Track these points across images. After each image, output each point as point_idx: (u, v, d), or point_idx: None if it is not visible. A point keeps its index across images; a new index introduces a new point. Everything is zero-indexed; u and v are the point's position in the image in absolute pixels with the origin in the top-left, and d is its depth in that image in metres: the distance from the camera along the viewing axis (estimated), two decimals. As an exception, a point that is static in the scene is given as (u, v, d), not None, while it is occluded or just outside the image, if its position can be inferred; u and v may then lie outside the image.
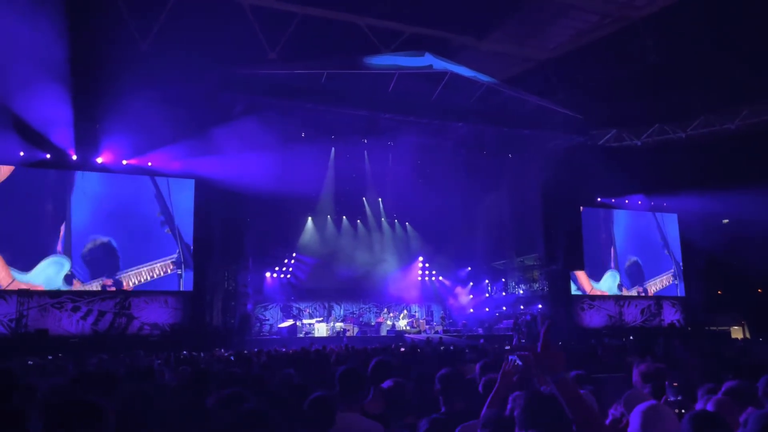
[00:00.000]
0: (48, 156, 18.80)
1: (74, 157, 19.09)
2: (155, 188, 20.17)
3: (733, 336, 23.98)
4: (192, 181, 20.35)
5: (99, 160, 19.38)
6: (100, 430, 2.24)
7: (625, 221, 27.20)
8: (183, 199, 20.38)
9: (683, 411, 3.22)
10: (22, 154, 18.32)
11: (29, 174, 18.66)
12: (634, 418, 2.68)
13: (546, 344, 2.37)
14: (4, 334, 17.65)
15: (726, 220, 25.39)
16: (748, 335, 24.43)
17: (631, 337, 20.34)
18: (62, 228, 18.93)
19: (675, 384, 3.84)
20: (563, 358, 2.37)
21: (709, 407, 3.24)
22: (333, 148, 23.31)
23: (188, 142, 18.67)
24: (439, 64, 19.01)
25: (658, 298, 26.88)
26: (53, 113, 17.18)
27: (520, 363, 3.70)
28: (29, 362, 10.11)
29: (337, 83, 19.19)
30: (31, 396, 4.11)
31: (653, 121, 24.76)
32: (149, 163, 19.91)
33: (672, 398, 3.67)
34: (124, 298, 19.29)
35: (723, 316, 25.66)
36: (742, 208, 21.96)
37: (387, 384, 4.07)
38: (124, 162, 19.68)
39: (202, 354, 13.24)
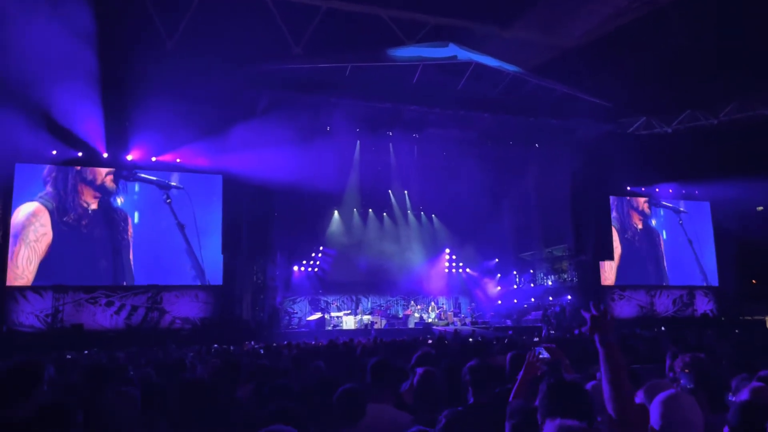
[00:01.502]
0: (80, 154, 19.19)
1: (105, 155, 19.44)
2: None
3: (769, 326, 23.46)
4: (220, 177, 20.58)
5: (129, 157, 19.71)
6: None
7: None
8: (211, 194, 20.65)
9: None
10: (54, 152, 18.74)
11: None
12: (655, 408, 2.65)
13: (603, 309, 2.69)
14: (41, 329, 18.11)
15: (760, 208, 24.82)
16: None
17: (663, 328, 20.00)
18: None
19: (687, 370, 3.78)
20: (614, 325, 2.66)
21: (745, 395, 3.19)
22: (358, 141, 23.33)
23: (215, 138, 18.87)
24: (464, 54, 18.87)
25: (691, 288, 26.41)
26: (83, 112, 17.52)
27: (546, 355, 3.67)
28: (68, 356, 10.37)
29: (361, 76, 19.20)
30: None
31: (684, 108, 24.23)
32: (177, 160, 20.19)
33: (688, 385, 3.61)
34: (156, 292, 19.62)
35: (758, 305, 25.10)
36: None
37: (417, 374, 4.08)
38: (154, 159, 19.99)
39: (232, 347, 13.41)
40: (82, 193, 19.36)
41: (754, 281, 25.99)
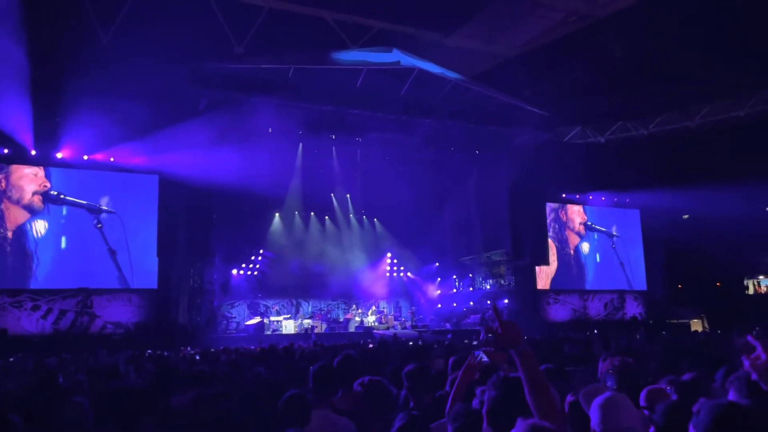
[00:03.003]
0: (6, 150, 18.28)
1: (33, 152, 18.58)
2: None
3: (693, 329, 24.62)
4: (156, 177, 20.01)
5: (59, 155, 18.91)
6: None
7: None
8: (147, 195, 20.04)
9: None
10: (-22, 148, 17.82)
11: None
12: (594, 411, 2.72)
13: (501, 320, 2.55)
14: (-39, 335, 17.12)
15: (686, 216, 26.06)
16: (706, 327, 25.12)
17: (596, 331, 20.71)
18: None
19: (611, 371, 3.94)
20: (519, 330, 2.55)
21: (641, 398, 3.34)
22: (301, 144, 23.16)
23: (152, 138, 18.33)
24: (407, 60, 19.04)
25: (621, 292, 27.42)
26: (10, 107, 16.69)
27: (485, 359, 3.73)
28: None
29: (304, 78, 19.08)
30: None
31: (617, 119, 25.21)
32: (111, 159, 19.51)
33: (611, 385, 3.75)
34: (86, 296, 18.85)
35: (683, 309, 26.34)
36: (701, 204, 22.56)
37: (363, 382, 4.05)
38: (86, 157, 19.24)
39: (166, 353, 13.04)
40: (7, 213, 18.33)
41: (680, 286, 27.25)
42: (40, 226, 18.62)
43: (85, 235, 19.17)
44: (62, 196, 18.97)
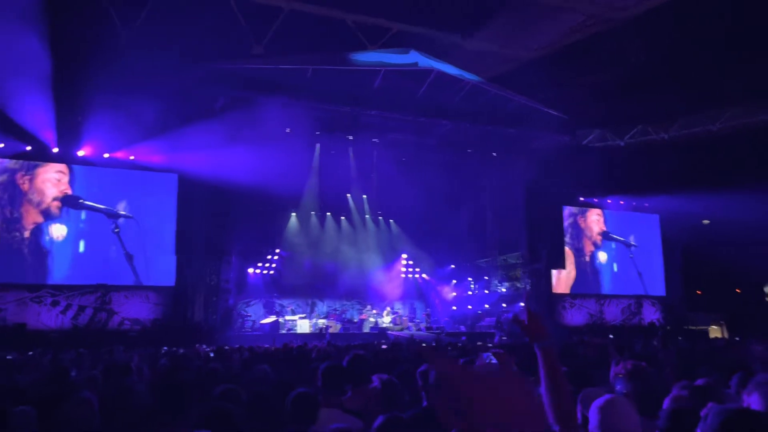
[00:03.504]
0: (28, 148, 18.56)
1: (55, 150, 18.85)
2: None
3: (712, 335, 24.30)
4: (175, 176, 20.20)
5: (80, 153, 19.16)
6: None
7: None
8: (166, 193, 20.23)
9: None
10: (2, 145, 18.09)
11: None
12: (593, 414, 2.70)
13: (529, 311, 2.45)
14: (-19, 328, 17.40)
15: (706, 221, 25.72)
16: (726, 335, 24.78)
17: (611, 336, 20.51)
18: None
19: (621, 375, 3.90)
20: (545, 325, 2.44)
21: (665, 404, 3.30)
22: (318, 144, 23.24)
23: (171, 136, 18.50)
24: (425, 61, 19.03)
25: (639, 297, 27.14)
26: (34, 105, 16.95)
27: (494, 361, 3.72)
28: (8, 357, 10.01)
29: (322, 79, 19.14)
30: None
31: (636, 122, 24.96)
32: (131, 157, 19.72)
33: (621, 390, 3.72)
34: (104, 292, 19.07)
35: (702, 315, 26.01)
36: (722, 210, 22.24)
37: (378, 382, 4.07)
38: (106, 155, 19.48)
39: (181, 350, 13.15)
40: (26, 215, 18.56)
41: (699, 292, 26.91)
42: (59, 230, 18.84)
43: (103, 238, 19.37)
44: (81, 201, 19.19)
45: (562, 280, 25.44)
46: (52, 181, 18.94)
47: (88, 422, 3.00)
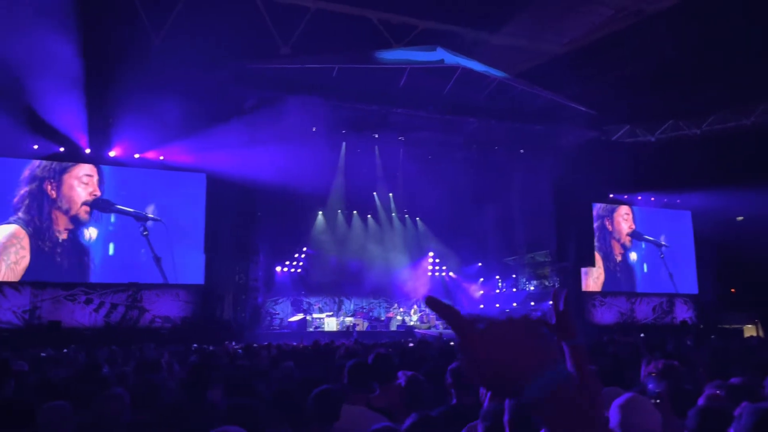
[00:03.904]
0: (61, 149, 18.95)
1: (87, 151, 19.22)
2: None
3: (747, 335, 23.75)
4: (203, 176, 20.44)
5: (112, 153, 19.51)
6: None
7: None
8: (195, 193, 20.49)
9: (659, 401, 3.23)
10: (35, 147, 18.51)
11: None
12: (614, 413, 2.67)
13: (557, 309, 2.41)
14: (18, 326, 17.85)
15: (740, 218, 25.13)
16: (761, 334, 24.20)
17: (642, 335, 20.18)
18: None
19: (653, 373, 3.83)
20: (576, 325, 2.42)
21: (700, 402, 3.23)
22: (344, 143, 23.30)
23: (200, 137, 18.72)
24: (451, 58, 18.95)
25: (671, 296, 26.66)
26: (66, 107, 17.31)
27: None
28: (42, 354, 10.23)
29: (348, 78, 19.18)
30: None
31: (667, 117, 24.50)
32: (161, 157, 20.02)
33: (653, 389, 3.65)
34: (136, 290, 19.41)
35: (736, 314, 25.43)
36: (756, 206, 21.71)
37: (404, 379, 4.07)
38: (137, 156, 19.80)
39: (212, 347, 13.31)
40: (56, 221, 18.87)
41: (732, 290, 26.31)
42: (89, 233, 19.15)
43: (132, 240, 19.64)
44: (110, 204, 19.46)
45: (591, 279, 25.09)
46: (80, 185, 19.20)
47: (120, 417, 3.05)
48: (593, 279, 25.01)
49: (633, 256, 26.34)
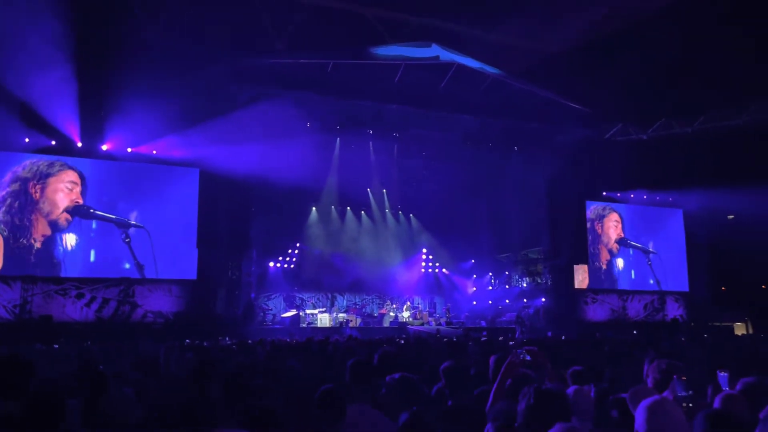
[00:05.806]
0: (53, 143, 18.78)
1: (79, 144, 19.06)
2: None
3: (737, 332, 23.94)
4: (197, 170, 20.32)
5: (104, 147, 19.36)
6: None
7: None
8: (188, 187, 20.36)
9: (691, 405, 3.21)
10: (27, 140, 18.34)
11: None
12: (640, 413, 2.66)
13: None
14: (9, 320, 17.70)
15: (731, 216, 25.30)
16: (751, 331, 24.40)
17: (635, 332, 20.31)
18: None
19: (684, 378, 3.82)
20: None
21: (717, 404, 3.23)
22: (338, 139, 23.25)
23: (193, 132, 18.62)
24: (446, 55, 18.93)
25: (662, 293, 26.80)
26: (59, 100, 17.16)
27: (528, 357, 3.70)
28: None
29: (343, 74, 19.15)
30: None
31: (660, 116, 24.60)
32: (154, 152, 19.88)
33: (681, 393, 3.65)
34: (128, 285, 19.29)
35: (727, 312, 25.60)
36: (747, 205, 21.87)
37: (394, 377, 4.05)
38: (129, 150, 19.65)
39: (205, 343, 13.26)
40: (36, 225, 18.44)
41: (723, 288, 26.49)
42: (69, 240, 18.82)
43: (114, 248, 19.31)
44: (92, 211, 19.16)
45: (576, 281, 24.93)
46: (64, 190, 18.79)
47: (128, 415, 3.03)
48: (578, 281, 24.89)
49: (620, 262, 26.23)
